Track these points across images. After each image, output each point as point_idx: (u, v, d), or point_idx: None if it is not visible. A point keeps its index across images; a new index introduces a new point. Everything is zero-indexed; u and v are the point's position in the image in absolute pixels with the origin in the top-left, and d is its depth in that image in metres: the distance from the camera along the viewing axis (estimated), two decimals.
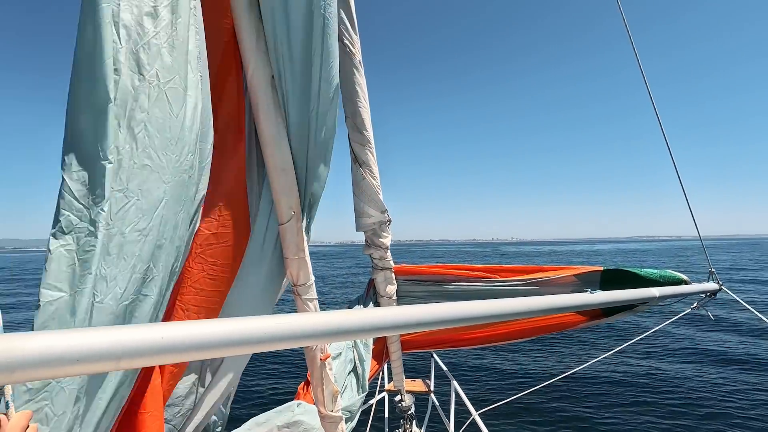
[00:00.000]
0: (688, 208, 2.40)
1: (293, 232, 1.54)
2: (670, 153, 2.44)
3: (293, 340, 0.59)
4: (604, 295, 1.28)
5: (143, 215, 0.93)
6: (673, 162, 2.43)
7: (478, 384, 8.07)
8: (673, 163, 2.43)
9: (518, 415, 6.49)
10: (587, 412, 6.63)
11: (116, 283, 0.88)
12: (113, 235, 0.88)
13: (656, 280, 2.07)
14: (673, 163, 2.43)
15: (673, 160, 2.43)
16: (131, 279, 0.91)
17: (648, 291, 1.57)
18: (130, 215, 0.91)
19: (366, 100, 2.22)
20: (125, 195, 0.90)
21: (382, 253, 2.47)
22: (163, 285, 1.02)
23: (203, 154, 1.13)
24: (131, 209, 0.91)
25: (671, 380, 7.97)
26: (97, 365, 0.45)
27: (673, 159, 2.42)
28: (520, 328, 2.42)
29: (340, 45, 2.14)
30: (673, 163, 2.43)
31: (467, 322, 0.79)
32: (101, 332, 0.46)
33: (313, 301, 1.66)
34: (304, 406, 2.12)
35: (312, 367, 1.72)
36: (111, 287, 0.87)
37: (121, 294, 0.89)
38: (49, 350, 0.43)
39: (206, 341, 0.51)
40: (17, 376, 0.41)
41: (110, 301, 0.87)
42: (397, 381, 3.16)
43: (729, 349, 9.85)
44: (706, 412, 6.56)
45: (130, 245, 0.91)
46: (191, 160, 1.06)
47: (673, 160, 2.43)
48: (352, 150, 2.29)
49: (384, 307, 0.86)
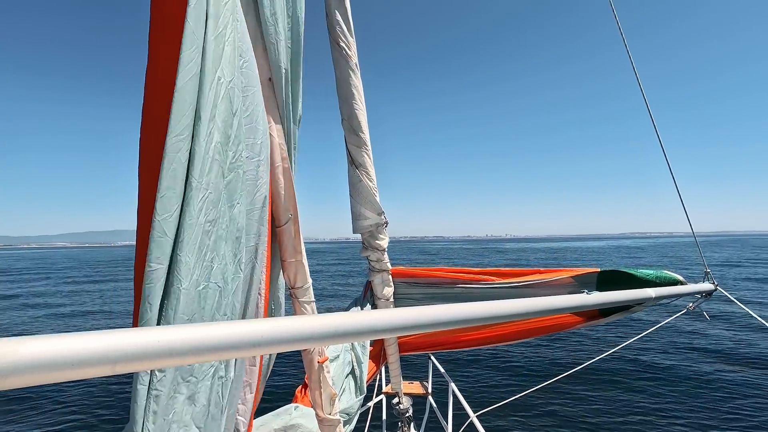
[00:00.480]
0: (683, 209, 2.42)
1: (290, 234, 1.54)
2: (664, 156, 2.46)
3: (291, 342, 0.59)
4: (601, 296, 1.29)
5: (212, 207, 1.01)
6: (668, 164, 2.45)
7: (476, 386, 8.07)
8: (668, 165, 2.45)
9: (516, 416, 6.51)
10: (585, 413, 6.65)
11: (193, 270, 0.95)
12: (194, 225, 0.94)
13: (652, 280, 2.09)
14: (668, 166, 2.45)
15: (668, 163, 2.45)
16: (202, 266, 0.99)
17: (644, 292, 1.58)
18: (205, 207, 0.98)
19: (362, 103, 2.22)
20: (203, 187, 0.97)
21: (379, 255, 2.47)
22: (227, 274, 1.09)
23: (254, 149, 1.22)
24: (206, 202, 0.98)
25: (668, 380, 8.02)
26: (93, 369, 0.45)
27: (668, 162, 2.44)
28: (517, 329, 2.43)
29: (337, 47, 2.14)
30: (668, 165, 2.45)
31: (465, 323, 0.79)
32: (96, 336, 0.46)
33: (310, 303, 1.66)
34: (301, 410, 2.11)
35: (310, 370, 1.71)
36: (191, 272, 0.95)
37: (196, 279, 0.97)
38: (44, 355, 0.42)
39: (204, 345, 0.51)
40: (10, 381, 0.41)
41: (190, 287, 0.95)
42: (394, 383, 3.15)
43: (724, 346, 9.92)
44: (702, 409, 6.60)
45: (204, 235, 0.98)
46: (243, 155, 1.14)
47: (668, 163, 2.45)
48: (349, 152, 2.29)
49: (381, 310, 0.86)
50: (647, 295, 1.57)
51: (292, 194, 1.53)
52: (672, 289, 1.85)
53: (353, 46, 2.16)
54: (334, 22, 2.10)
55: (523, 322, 2.36)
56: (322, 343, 0.63)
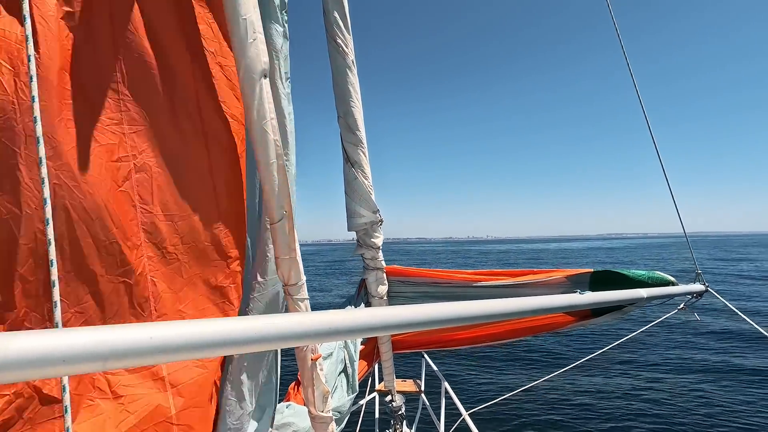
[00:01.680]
0: (677, 212, 2.45)
1: (284, 231, 1.53)
2: (659, 157, 2.48)
3: (285, 340, 0.58)
4: (593, 296, 1.30)
5: None
6: (662, 167, 2.47)
7: (469, 384, 8.11)
8: (662, 168, 2.47)
9: (509, 415, 6.54)
10: (577, 412, 6.71)
11: None
12: None
13: (644, 281, 2.11)
14: (662, 168, 2.47)
15: (662, 165, 2.47)
16: None
17: (636, 292, 1.60)
18: None
19: (359, 100, 2.22)
20: None
21: (374, 253, 2.47)
22: None
23: None
24: None
25: (661, 379, 8.11)
26: (84, 366, 0.44)
27: (662, 164, 2.46)
28: (510, 328, 2.44)
29: (333, 44, 2.13)
30: (662, 168, 2.47)
31: (459, 322, 0.79)
32: (87, 332, 0.45)
33: (304, 301, 1.65)
34: (293, 407, 2.11)
35: (302, 367, 1.71)
36: None
37: None
38: (33, 351, 0.42)
39: (196, 342, 0.50)
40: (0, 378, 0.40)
41: None
42: (387, 381, 3.16)
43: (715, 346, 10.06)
44: (695, 412, 6.68)
45: None
46: None
47: (662, 165, 2.47)
48: (345, 150, 2.28)
49: (376, 308, 0.86)
50: (639, 296, 1.59)
51: (287, 191, 1.52)
52: (663, 290, 1.88)
53: (350, 43, 2.15)
54: (332, 19, 2.09)
55: (515, 321, 2.38)
56: (316, 340, 0.63)
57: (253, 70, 1.40)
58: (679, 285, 2.09)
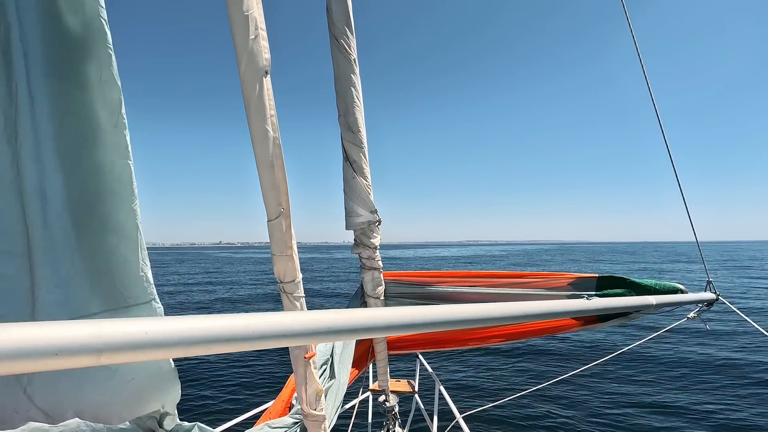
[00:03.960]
0: (688, 217, 2.40)
1: (281, 229, 1.52)
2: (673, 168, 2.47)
3: (281, 338, 0.58)
4: (602, 302, 1.28)
5: None
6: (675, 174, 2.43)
7: (463, 387, 8.10)
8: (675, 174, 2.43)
9: (503, 419, 6.53)
10: (573, 419, 6.68)
11: None
12: None
13: (652, 287, 2.07)
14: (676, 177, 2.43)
15: (677, 176, 2.47)
16: None
17: (645, 299, 1.57)
18: None
19: (360, 99, 2.21)
20: None
21: (371, 253, 2.46)
22: None
23: None
24: None
25: (661, 387, 8.09)
26: (77, 359, 0.43)
27: (677, 175, 2.46)
28: (511, 330, 2.43)
29: (336, 43, 2.12)
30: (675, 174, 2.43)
31: (460, 325, 0.79)
32: (82, 325, 0.45)
33: (300, 299, 1.64)
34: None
35: (296, 365, 1.70)
36: None
37: None
38: (24, 343, 0.41)
39: (192, 337, 0.50)
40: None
41: None
42: (381, 381, 3.15)
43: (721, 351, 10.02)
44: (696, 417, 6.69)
45: None
46: None
47: (677, 176, 2.47)
48: (344, 149, 2.28)
49: (374, 308, 0.86)
50: (648, 302, 1.56)
51: (285, 189, 1.51)
52: (673, 297, 1.84)
53: (353, 42, 2.14)
54: (335, 17, 2.09)
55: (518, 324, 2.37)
56: (312, 340, 0.63)
57: (255, 66, 1.39)
58: (689, 293, 2.04)
